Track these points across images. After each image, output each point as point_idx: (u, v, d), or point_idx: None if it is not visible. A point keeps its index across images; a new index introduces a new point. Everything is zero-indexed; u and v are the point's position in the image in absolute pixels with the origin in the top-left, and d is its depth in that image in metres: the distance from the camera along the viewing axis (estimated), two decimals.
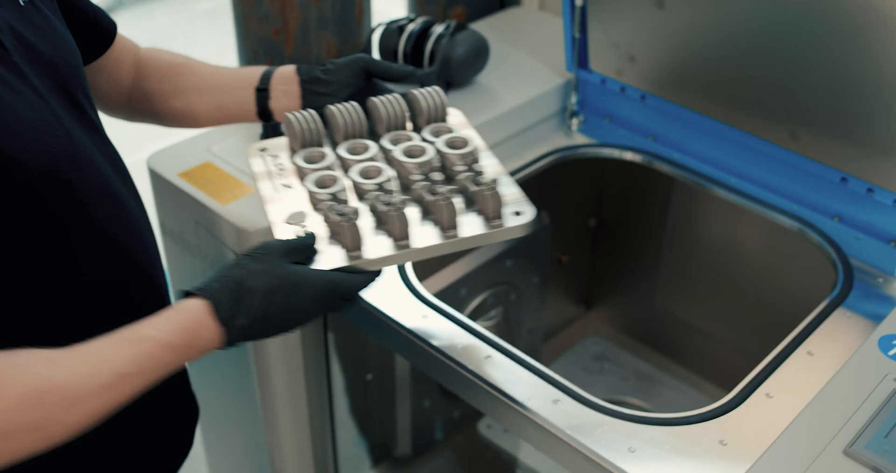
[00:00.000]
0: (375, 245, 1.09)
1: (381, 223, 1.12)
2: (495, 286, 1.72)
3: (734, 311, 1.82)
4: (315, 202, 1.15)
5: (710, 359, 1.86)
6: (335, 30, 1.78)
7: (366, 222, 1.12)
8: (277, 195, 1.18)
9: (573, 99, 1.77)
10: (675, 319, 1.93)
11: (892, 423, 1.10)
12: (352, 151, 1.23)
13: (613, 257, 2.01)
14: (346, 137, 1.25)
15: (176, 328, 0.91)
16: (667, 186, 1.73)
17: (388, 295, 1.36)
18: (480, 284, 1.67)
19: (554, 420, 1.16)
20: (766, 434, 1.14)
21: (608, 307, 2.08)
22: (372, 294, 1.35)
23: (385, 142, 1.24)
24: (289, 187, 1.19)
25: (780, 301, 1.70)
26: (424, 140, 1.24)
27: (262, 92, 1.28)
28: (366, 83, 1.30)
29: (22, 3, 1.00)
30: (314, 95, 1.28)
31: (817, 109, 1.44)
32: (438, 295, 1.46)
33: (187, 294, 0.95)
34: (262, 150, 1.26)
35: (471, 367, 1.25)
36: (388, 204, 1.10)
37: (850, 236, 1.51)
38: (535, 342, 1.88)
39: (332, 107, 1.24)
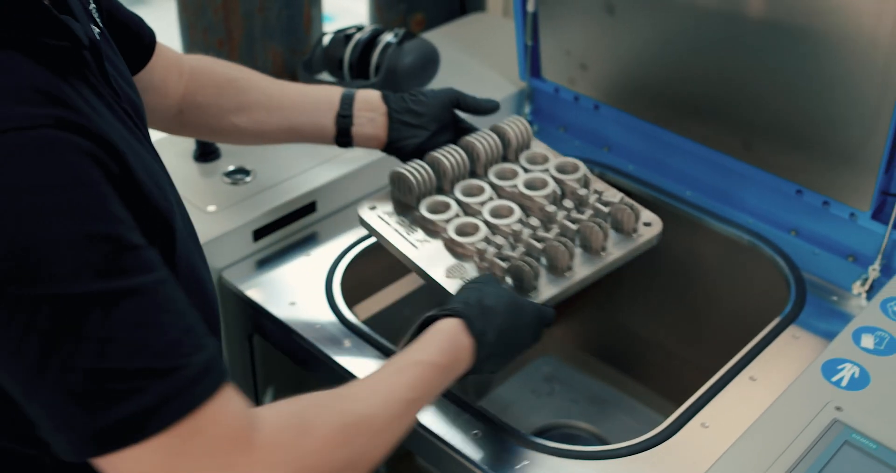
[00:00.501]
0: (547, 279, 1.17)
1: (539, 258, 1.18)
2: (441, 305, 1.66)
3: (692, 327, 1.75)
4: (463, 251, 1.21)
5: (669, 376, 1.80)
6: (281, 40, 1.73)
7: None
8: (420, 252, 1.21)
9: (527, 108, 1.71)
10: (634, 335, 1.86)
11: (829, 455, 1.04)
12: (468, 194, 1.27)
13: None
14: (455, 181, 1.28)
15: (441, 348, 0.95)
16: None
17: (311, 318, 1.30)
18: (423, 303, 1.61)
19: (472, 455, 1.10)
20: (698, 468, 1.08)
21: (566, 322, 2.01)
22: (294, 319, 1.30)
23: (493, 179, 1.29)
24: (426, 241, 1.23)
25: (738, 318, 1.63)
26: (526, 170, 1.30)
27: (345, 118, 1.24)
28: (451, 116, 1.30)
29: (98, 30, 0.90)
30: (403, 125, 1.25)
31: (770, 120, 1.38)
32: (377, 317, 1.41)
33: (435, 318, 0.99)
34: (372, 208, 1.28)
35: None
36: (541, 240, 1.18)
37: (806, 251, 1.44)
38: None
39: (438, 154, 1.26)
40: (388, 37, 1.65)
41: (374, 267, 1.46)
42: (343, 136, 1.25)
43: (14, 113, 0.65)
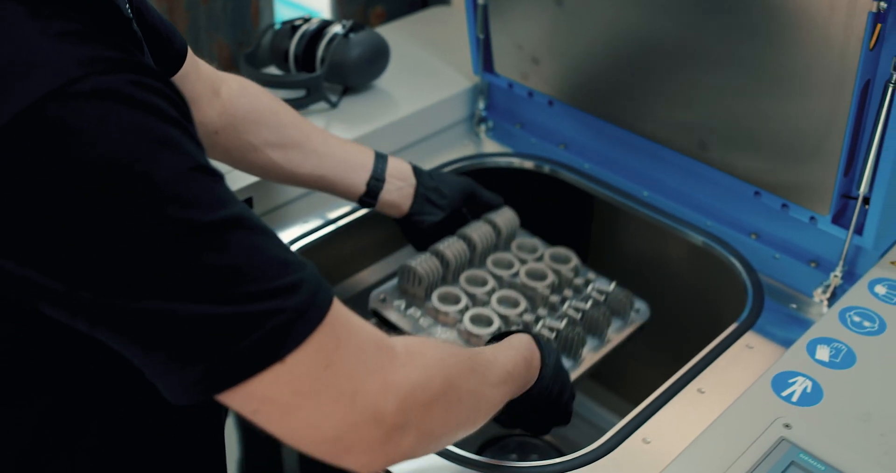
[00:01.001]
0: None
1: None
2: None
3: (653, 330, 1.68)
4: (478, 342, 1.25)
5: (630, 379, 1.74)
6: (227, 32, 1.66)
7: None
8: None
9: (480, 104, 1.64)
10: None
11: None
12: (473, 284, 1.34)
13: None
14: (457, 272, 1.35)
15: (525, 348, 1.00)
16: (576, 197, 1.60)
17: None
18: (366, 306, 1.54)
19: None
20: None
21: None
22: None
23: (493, 268, 1.36)
24: (441, 330, 1.29)
25: (697, 322, 1.57)
26: (521, 259, 1.39)
27: (378, 182, 1.27)
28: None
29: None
30: (426, 201, 1.30)
31: (725, 119, 1.31)
32: None
33: (508, 333, 1.05)
34: (383, 300, 1.33)
35: None
36: (552, 330, 1.28)
37: (767, 255, 1.37)
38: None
39: (442, 247, 1.32)
40: (336, 28, 1.57)
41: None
42: (370, 197, 1.28)
43: (103, 56, 0.64)
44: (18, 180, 0.61)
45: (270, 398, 0.68)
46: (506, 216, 1.41)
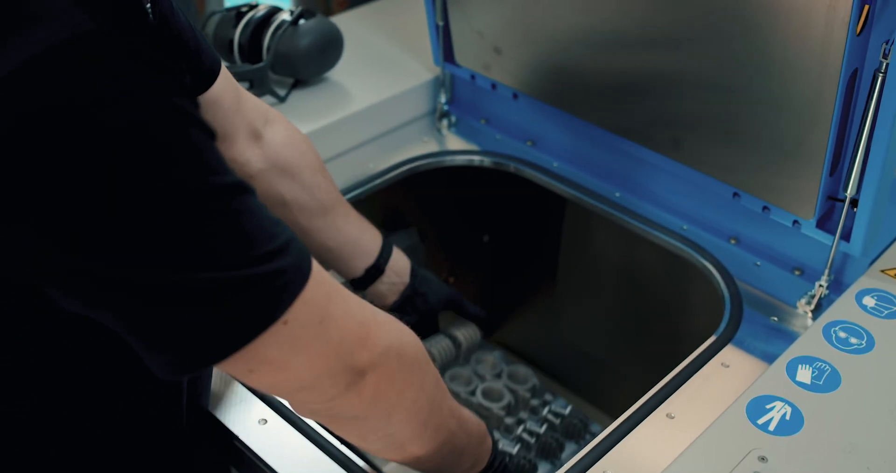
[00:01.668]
0: None
1: None
2: None
3: (635, 342, 1.57)
4: None
5: (608, 391, 1.63)
6: None
7: None
8: None
9: (442, 98, 1.52)
10: (577, 350, 1.68)
11: None
12: None
13: (511, 278, 1.76)
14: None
15: (483, 429, 1.01)
16: (543, 198, 1.49)
17: None
18: None
19: None
20: None
21: (507, 332, 1.83)
22: None
23: (449, 383, 1.38)
24: None
25: (675, 333, 1.45)
26: (479, 374, 1.41)
27: (377, 272, 1.23)
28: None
29: None
30: (409, 303, 1.27)
31: (700, 115, 1.20)
32: None
33: None
34: None
35: (241, 433, 1.01)
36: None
37: (747, 262, 1.26)
38: None
39: (433, 349, 1.33)
40: (284, 15, 1.46)
41: None
42: (363, 283, 1.24)
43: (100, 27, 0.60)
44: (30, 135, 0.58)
45: (269, 358, 0.69)
46: (468, 332, 1.38)
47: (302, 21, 1.45)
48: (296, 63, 1.44)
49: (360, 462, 0.98)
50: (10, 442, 0.82)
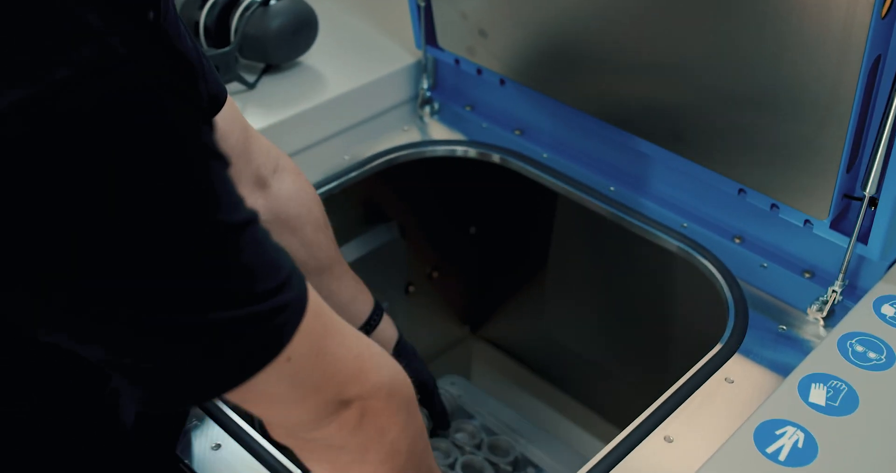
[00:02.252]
0: None
1: None
2: None
3: (630, 345, 1.47)
4: None
5: (604, 395, 1.53)
6: None
7: None
8: None
9: (424, 83, 1.41)
10: (567, 349, 1.59)
11: None
12: None
13: (498, 272, 1.66)
14: None
15: None
16: (531, 192, 1.38)
17: None
18: None
19: None
20: None
21: (494, 329, 1.73)
22: None
23: None
24: None
25: (678, 338, 1.36)
26: (456, 444, 1.34)
27: (374, 321, 1.15)
28: None
29: None
30: None
31: (703, 104, 1.09)
32: None
33: None
34: None
35: (193, 463, 0.91)
36: None
37: (753, 263, 1.16)
38: None
39: None
40: None
41: None
42: (371, 321, 1.15)
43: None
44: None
45: (265, 393, 0.67)
46: (447, 397, 1.34)
47: (273, 1, 1.34)
48: (266, 46, 1.33)
49: None
50: (10, 442, 0.79)
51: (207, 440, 0.94)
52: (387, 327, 1.17)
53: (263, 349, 0.64)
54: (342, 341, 0.72)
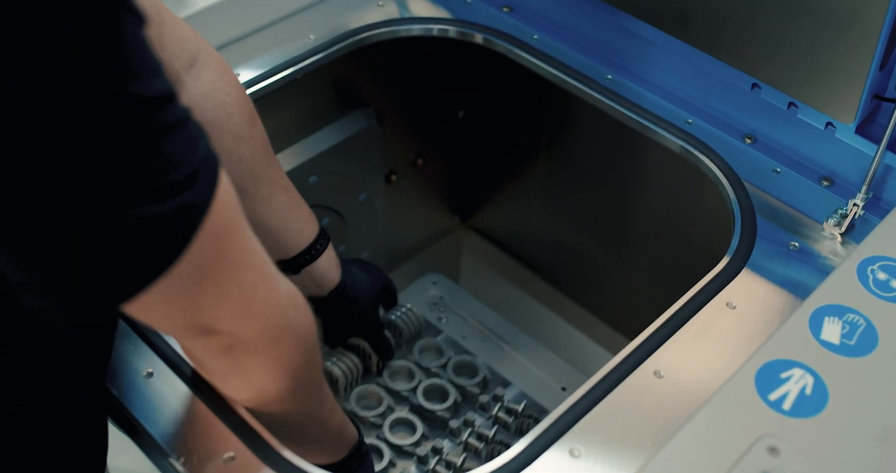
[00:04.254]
0: None
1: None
2: None
3: (625, 246, 1.36)
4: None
5: (602, 297, 1.43)
6: None
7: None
8: None
9: None
10: (559, 243, 1.48)
11: None
12: (365, 406, 1.24)
13: (490, 161, 1.53)
14: (348, 388, 1.24)
15: (352, 433, 0.92)
16: (519, 79, 1.24)
17: None
18: None
19: None
20: None
21: (485, 220, 1.61)
22: None
23: (388, 382, 1.26)
24: None
25: (680, 248, 1.24)
26: (420, 365, 1.28)
27: (289, 271, 1.01)
28: None
29: None
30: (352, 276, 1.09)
31: None
32: None
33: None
34: None
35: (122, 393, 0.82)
36: (449, 466, 1.17)
37: (765, 168, 1.03)
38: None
39: (332, 366, 1.21)
40: None
41: None
42: (294, 265, 1.01)
43: None
44: None
45: (136, 303, 0.57)
46: (406, 316, 1.27)
47: None
48: None
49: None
50: (10, 442, 0.76)
51: (139, 367, 0.84)
52: (328, 265, 1.04)
53: (149, 264, 0.55)
54: (234, 274, 0.62)
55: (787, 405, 0.75)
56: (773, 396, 0.75)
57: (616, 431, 0.80)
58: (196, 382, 0.83)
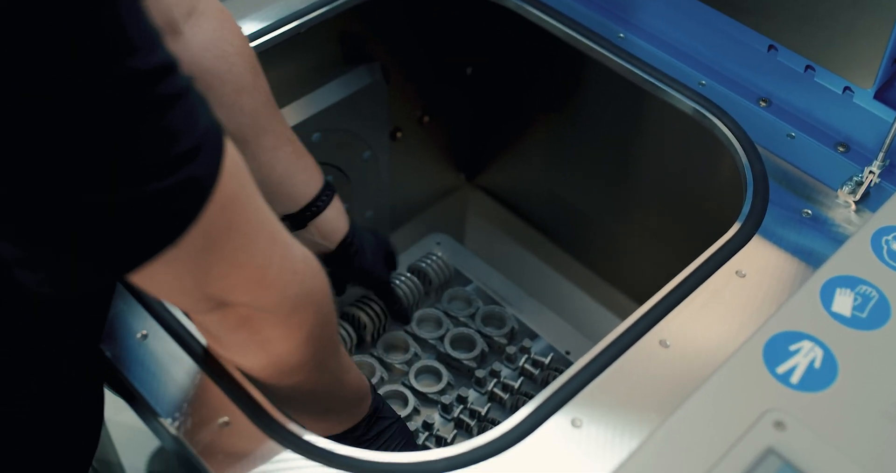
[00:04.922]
0: None
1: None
2: None
3: (635, 210, 1.33)
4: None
5: (611, 261, 1.41)
6: None
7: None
8: None
9: None
10: (569, 205, 1.45)
11: None
12: (391, 350, 1.25)
13: (498, 118, 1.51)
14: (376, 335, 1.25)
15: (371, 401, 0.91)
16: (525, 35, 1.21)
17: None
18: None
19: (194, 447, 0.74)
20: None
21: (493, 178, 1.59)
22: None
23: (416, 329, 1.26)
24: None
25: (692, 213, 1.22)
26: (448, 314, 1.28)
27: (295, 225, 1.00)
28: None
29: None
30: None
31: None
32: None
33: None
34: None
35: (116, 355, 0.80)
36: (473, 414, 1.17)
37: (779, 132, 1.01)
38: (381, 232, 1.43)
39: (360, 312, 1.22)
40: None
41: None
42: (299, 218, 0.99)
43: None
44: None
45: (146, 276, 0.57)
46: (441, 265, 1.30)
47: None
48: None
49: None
50: (10, 442, 0.75)
51: (134, 329, 0.82)
52: (336, 215, 1.02)
53: (153, 238, 0.54)
54: (247, 243, 0.61)
55: (794, 379, 0.73)
56: (781, 369, 0.73)
57: (619, 402, 0.78)
58: (191, 345, 0.81)
